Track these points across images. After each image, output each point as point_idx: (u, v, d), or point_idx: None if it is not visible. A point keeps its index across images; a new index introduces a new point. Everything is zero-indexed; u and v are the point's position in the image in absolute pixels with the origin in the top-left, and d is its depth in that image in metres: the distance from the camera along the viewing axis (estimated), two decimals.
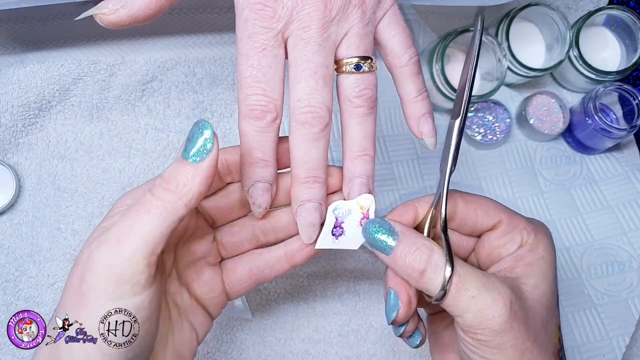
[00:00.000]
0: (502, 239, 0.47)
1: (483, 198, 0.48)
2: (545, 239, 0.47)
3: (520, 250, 0.46)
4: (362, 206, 0.45)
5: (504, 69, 0.65)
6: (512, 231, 0.46)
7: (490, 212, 0.47)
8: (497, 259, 0.47)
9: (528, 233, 0.46)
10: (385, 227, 0.44)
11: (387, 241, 0.43)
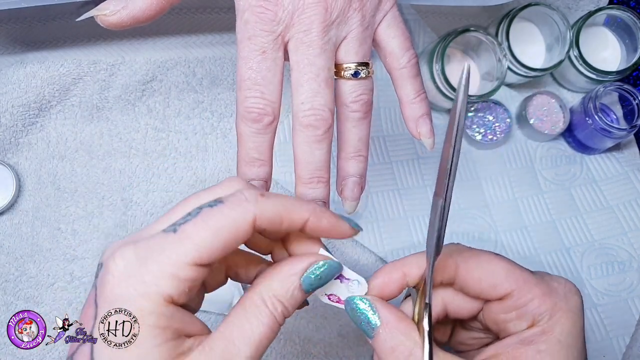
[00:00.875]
0: (508, 314, 0.42)
1: (491, 261, 0.43)
2: (565, 318, 0.40)
3: (530, 331, 0.41)
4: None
5: (504, 69, 0.65)
6: (523, 307, 0.41)
7: (496, 282, 0.42)
8: (504, 332, 0.43)
9: (542, 312, 0.41)
10: (367, 312, 0.41)
11: (368, 327, 0.41)
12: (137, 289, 0.34)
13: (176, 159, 0.67)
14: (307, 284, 0.38)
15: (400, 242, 0.67)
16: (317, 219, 0.39)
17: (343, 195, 0.48)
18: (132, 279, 0.34)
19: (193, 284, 0.35)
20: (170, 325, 0.34)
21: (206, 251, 0.35)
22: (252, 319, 0.36)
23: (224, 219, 0.35)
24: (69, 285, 0.63)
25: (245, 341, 0.35)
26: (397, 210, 0.68)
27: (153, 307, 0.34)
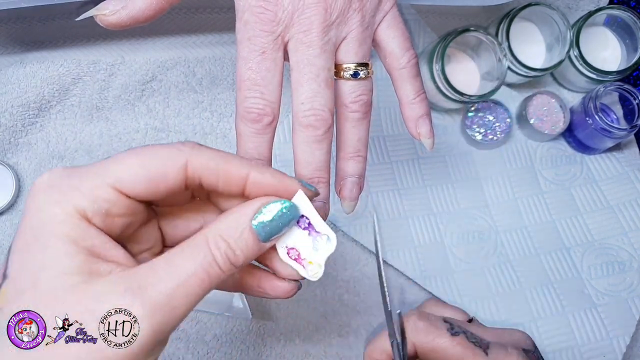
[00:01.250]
0: None
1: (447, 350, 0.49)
2: None
3: None
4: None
5: (504, 69, 0.65)
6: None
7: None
8: None
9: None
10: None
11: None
12: (54, 197, 0.34)
13: None
14: (259, 226, 0.36)
15: (400, 242, 0.67)
16: (260, 174, 0.37)
17: (342, 195, 0.48)
18: (51, 189, 0.34)
19: (111, 208, 0.34)
20: (83, 240, 0.33)
21: (128, 178, 0.35)
22: (184, 255, 0.35)
23: (154, 155, 0.35)
24: None
25: (170, 274, 0.33)
26: (397, 210, 0.68)
27: (65, 217, 0.33)
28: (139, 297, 0.32)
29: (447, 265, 0.67)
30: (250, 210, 0.37)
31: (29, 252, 0.33)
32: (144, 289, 0.33)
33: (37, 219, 0.34)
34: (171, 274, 0.33)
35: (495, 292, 0.67)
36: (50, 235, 0.33)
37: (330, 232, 0.40)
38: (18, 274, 0.33)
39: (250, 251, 0.36)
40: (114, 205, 0.35)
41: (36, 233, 0.33)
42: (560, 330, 0.66)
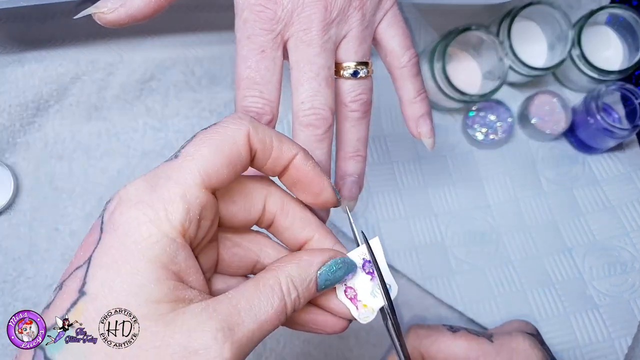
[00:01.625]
0: None
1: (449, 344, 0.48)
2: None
3: None
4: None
5: (505, 68, 0.65)
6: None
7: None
8: None
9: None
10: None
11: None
12: (147, 213, 0.32)
13: None
14: (322, 278, 0.38)
15: (400, 243, 0.67)
16: (304, 159, 0.38)
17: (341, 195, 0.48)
18: (141, 204, 0.32)
19: (204, 212, 0.34)
20: (173, 264, 0.33)
21: (211, 168, 0.34)
22: (262, 298, 0.35)
23: (220, 135, 0.35)
24: None
25: (252, 317, 0.33)
26: (398, 210, 0.68)
27: (159, 237, 0.32)
28: (229, 339, 0.32)
29: (447, 266, 0.67)
30: (319, 261, 0.38)
31: (117, 272, 0.32)
32: (232, 330, 0.32)
33: (129, 239, 0.32)
34: (252, 316, 0.34)
35: (497, 292, 0.66)
36: (142, 258, 0.32)
37: (393, 282, 0.41)
38: (101, 294, 0.32)
39: (309, 299, 0.37)
40: (206, 207, 0.34)
41: (126, 254, 0.32)
42: (562, 331, 0.65)
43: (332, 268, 0.38)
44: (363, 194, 0.67)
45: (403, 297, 0.66)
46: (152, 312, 0.31)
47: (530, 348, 0.48)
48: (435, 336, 0.50)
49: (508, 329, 0.53)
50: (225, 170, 0.34)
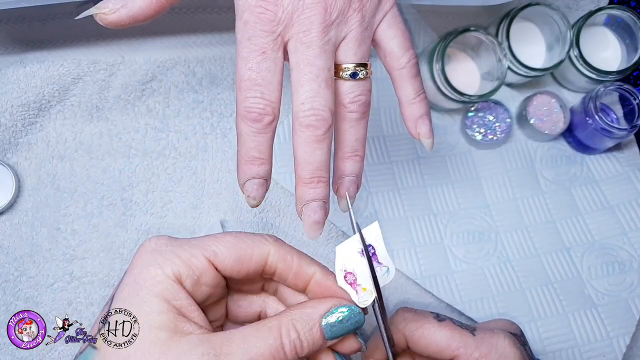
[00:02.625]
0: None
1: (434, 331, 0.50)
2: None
3: None
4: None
5: (504, 69, 0.65)
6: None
7: (441, 349, 0.50)
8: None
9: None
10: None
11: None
12: (157, 260, 0.40)
13: (176, 159, 0.67)
14: (327, 326, 0.42)
15: (400, 242, 0.67)
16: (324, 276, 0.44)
17: (339, 194, 0.48)
18: (156, 253, 0.41)
19: (201, 277, 0.41)
20: (174, 300, 0.39)
21: (221, 253, 0.42)
22: (258, 335, 0.40)
23: (245, 239, 0.43)
24: (69, 286, 0.63)
25: (243, 349, 0.38)
26: (398, 210, 0.68)
27: (163, 278, 0.40)
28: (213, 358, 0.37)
29: (447, 265, 0.67)
30: (323, 308, 0.42)
31: (129, 303, 0.39)
32: (218, 356, 0.38)
33: (140, 277, 0.40)
34: (243, 350, 0.39)
35: (495, 292, 0.66)
36: (148, 292, 0.39)
37: (391, 264, 0.44)
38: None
39: (315, 346, 0.41)
40: (204, 274, 0.41)
41: (137, 288, 0.40)
42: (560, 331, 0.66)
43: (338, 317, 0.42)
44: (363, 193, 0.67)
45: (402, 296, 0.66)
46: (152, 337, 0.38)
47: (509, 346, 0.50)
48: (421, 322, 0.51)
49: (493, 326, 0.54)
50: (232, 260, 0.42)
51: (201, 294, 0.42)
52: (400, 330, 0.51)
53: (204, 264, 0.41)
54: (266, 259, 0.43)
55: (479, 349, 0.49)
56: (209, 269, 0.41)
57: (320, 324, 0.41)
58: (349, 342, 0.44)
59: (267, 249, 0.43)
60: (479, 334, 0.51)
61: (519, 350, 0.50)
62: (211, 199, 0.66)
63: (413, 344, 0.50)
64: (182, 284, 0.40)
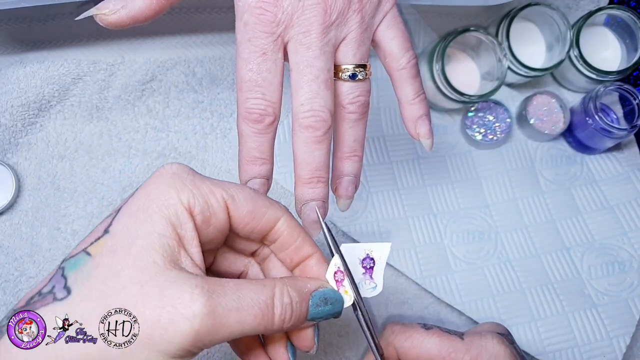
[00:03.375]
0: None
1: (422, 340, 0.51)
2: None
3: None
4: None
5: (504, 69, 0.65)
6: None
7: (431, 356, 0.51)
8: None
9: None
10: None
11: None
12: (175, 183, 0.39)
13: (176, 159, 0.67)
14: (313, 302, 0.41)
15: (400, 242, 0.67)
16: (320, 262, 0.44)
17: (337, 194, 0.48)
18: (176, 176, 0.39)
19: (212, 217, 0.40)
20: (180, 228, 0.38)
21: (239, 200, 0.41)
22: (252, 288, 0.38)
23: (264, 198, 0.42)
24: None
25: (235, 298, 0.37)
26: (397, 210, 0.68)
27: (176, 202, 0.38)
28: (206, 296, 0.35)
29: (447, 265, 0.67)
30: (314, 285, 0.42)
31: (135, 218, 0.38)
32: (212, 293, 0.36)
33: (154, 193, 0.38)
34: (236, 296, 0.37)
35: (495, 292, 0.66)
36: (158, 212, 0.38)
37: (381, 283, 0.45)
38: (119, 233, 0.38)
39: (298, 320, 0.40)
40: (216, 215, 0.40)
41: (147, 204, 0.38)
42: (560, 331, 0.66)
43: (325, 297, 0.42)
44: (363, 193, 0.67)
45: (402, 296, 0.66)
46: (147, 258, 0.36)
47: (498, 345, 0.51)
48: (409, 333, 0.52)
49: (479, 329, 0.56)
50: (245, 211, 0.41)
51: (206, 235, 0.40)
52: (390, 343, 0.52)
53: (220, 204, 0.40)
54: (275, 223, 0.42)
55: (469, 352, 0.50)
56: (223, 212, 0.40)
57: (309, 299, 0.41)
58: (307, 335, 0.43)
59: (279, 214, 0.42)
60: (468, 338, 0.52)
61: (508, 348, 0.51)
62: None
63: (404, 355, 0.51)
64: (192, 215, 0.39)
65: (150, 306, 0.35)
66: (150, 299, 0.35)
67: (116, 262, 0.36)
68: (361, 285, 0.45)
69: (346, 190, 0.48)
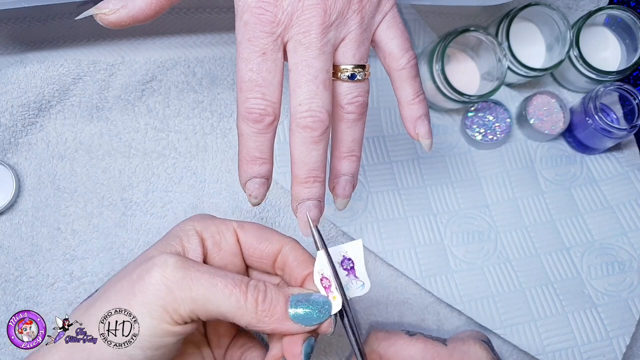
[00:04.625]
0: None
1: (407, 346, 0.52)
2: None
3: None
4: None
5: (504, 69, 0.65)
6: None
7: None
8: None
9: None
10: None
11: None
12: (195, 218, 0.48)
13: (176, 159, 0.67)
14: (294, 300, 0.43)
15: (400, 242, 0.67)
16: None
17: (335, 193, 0.49)
18: (197, 216, 0.48)
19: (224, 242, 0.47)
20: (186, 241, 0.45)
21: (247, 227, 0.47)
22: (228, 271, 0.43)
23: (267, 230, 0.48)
24: (69, 286, 0.63)
25: (208, 270, 0.41)
26: (397, 210, 0.68)
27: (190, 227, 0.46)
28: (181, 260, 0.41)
29: (446, 265, 0.67)
30: (296, 290, 0.44)
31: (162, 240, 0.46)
32: (187, 260, 0.42)
33: (175, 226, 0.47)
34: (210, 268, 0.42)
35: (495, 292, 0.67)
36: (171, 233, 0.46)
37: (367, 280, 0.46)
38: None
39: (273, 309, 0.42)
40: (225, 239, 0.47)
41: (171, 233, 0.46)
42: (560, 330, 0.66)
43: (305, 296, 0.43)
44: (363, 193, 0.67)
45: (402, 296, 0.66)
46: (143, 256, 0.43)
47: (480, 350, 0.53)
48: (393, 339, 0.53)
49: (462, 335, 0.57)
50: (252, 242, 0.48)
51: (220, 260, 0.46)
52: (375, 351, 0.53)
53: (230, 230, 0.46)
54: (281, 248, 0.46)
55: (452, 357, 0.51)
56: (232, 236, 0.47)
57: (289, 297, 0.43)
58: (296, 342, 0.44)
59: (285, 240, 0.47)
60: (451, 344, 0.53)
61: (490, 354, 0.53)
62: (211, 199, 0.66)
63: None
64: (202, 238, 0.46)
65: (135, 270, 0.41)
66: (136, 265, 0.41)
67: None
68: (348, 287, 0.45)
69: (344, 190, 0.48)
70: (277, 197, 0.67)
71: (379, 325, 0.65)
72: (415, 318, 0.66)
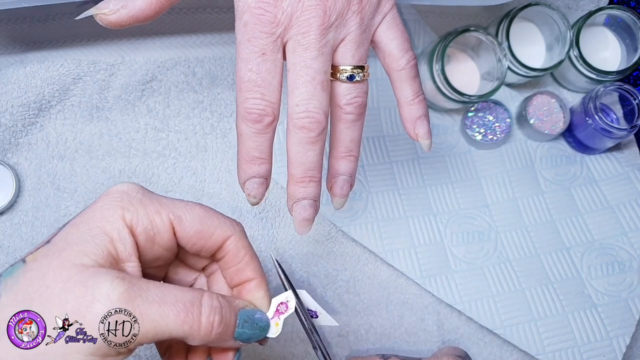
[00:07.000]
0: None
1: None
2: None
3: None
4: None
5: (504, 69, 0.65)
6: None
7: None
8: None
9: None
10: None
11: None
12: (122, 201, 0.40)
13: (176, 159, 0.67)
14: (242, 316, 0.42)
15: (400, 242, 0.67)
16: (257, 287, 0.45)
17: (332, 192, 0.49)
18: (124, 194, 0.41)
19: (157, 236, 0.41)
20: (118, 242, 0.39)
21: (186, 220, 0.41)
22: (179, 288, 0.39)
23: (214, 217, 0.43)
24: None
25: (158, 292, 0.38)
26: (397, 210, 0.68)
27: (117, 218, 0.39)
28: (126, 285, 0.36)
29: (446, 265, 0.67)
30: (241, 303, 0.43)
31: (77, 229, 0.39)
32: (133, 285, 0.37)
33: (99, 210, 0.39)
34: (159, 291, 0.38)
35: (495, 292, 0.67)
36: (99, 226, 0.39)
37: (332, 321, 0.50)
38: (57, 241, 0.38)
39: (226, 330, 0.40)
40: (161, 235, 0.41)
41: (91, 219, 0.39)
42: (560, 330, 0.66)
43: (255, 314, 0.43)
44: (363, 193, 0.67)
45: (402, 296, 0.66)
46: (76, 260, 0.37)
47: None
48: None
49: (438, 354, 0.57)
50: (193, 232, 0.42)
51: (152, 253, 0.41)
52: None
53: (165, 224, 0.40)
54: (224, 242, 0.42)
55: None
56: (168, 232, 0.41)
57: (237, 312, 0.41)
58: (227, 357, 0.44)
59: (229, 233, 0.42)
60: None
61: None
62: (211, 199, 0.66)
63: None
64: (134, 234, 0.40)
65: (72, 298, 0.36)
66: (73, 293, 0.36)
67: (44, 266, 0.37)
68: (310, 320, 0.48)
69: (341, 189, 0.48)
70: (277, 197, 0.67)
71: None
72: (415, 318, 0.66)
